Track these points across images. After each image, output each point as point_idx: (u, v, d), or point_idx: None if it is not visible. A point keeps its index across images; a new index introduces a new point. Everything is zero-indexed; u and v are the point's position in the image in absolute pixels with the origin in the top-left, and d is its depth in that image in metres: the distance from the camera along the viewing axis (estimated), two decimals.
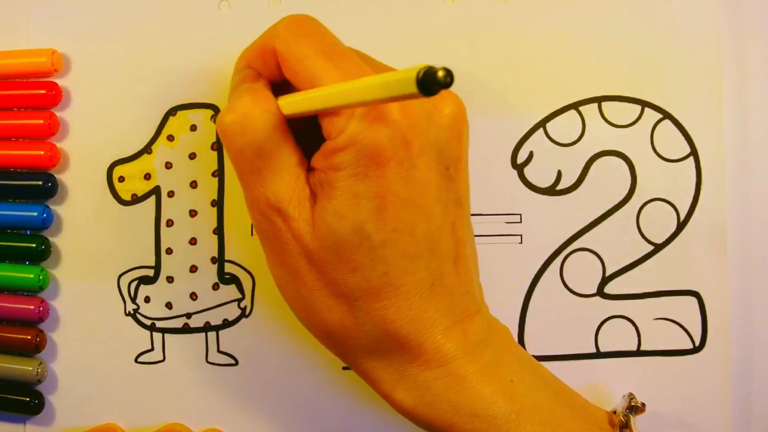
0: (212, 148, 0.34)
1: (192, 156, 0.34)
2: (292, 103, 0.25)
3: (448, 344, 0.26)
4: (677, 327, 0.34)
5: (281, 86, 0.27)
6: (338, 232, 0.25)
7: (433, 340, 0.26)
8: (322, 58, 0.25)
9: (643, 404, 0.30)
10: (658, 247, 0.34)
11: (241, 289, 0.34)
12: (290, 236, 0.26)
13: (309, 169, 0.26)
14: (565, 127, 0.34)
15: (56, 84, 0.34)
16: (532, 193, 0.34)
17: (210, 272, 0.34)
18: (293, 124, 0.27)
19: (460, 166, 0.27)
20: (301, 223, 0.25)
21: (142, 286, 0.34)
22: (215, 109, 0.34)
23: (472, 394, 0.26)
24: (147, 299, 0.34)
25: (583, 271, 0.34)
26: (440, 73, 0.18)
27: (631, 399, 0.30)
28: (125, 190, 0.34)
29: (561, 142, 0.34)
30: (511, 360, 0.28)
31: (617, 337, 0.34)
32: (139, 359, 0.34)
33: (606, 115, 0.34)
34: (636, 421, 0.29)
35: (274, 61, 0.26)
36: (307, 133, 0.27)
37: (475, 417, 0.26)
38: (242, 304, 0.34)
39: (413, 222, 0.25)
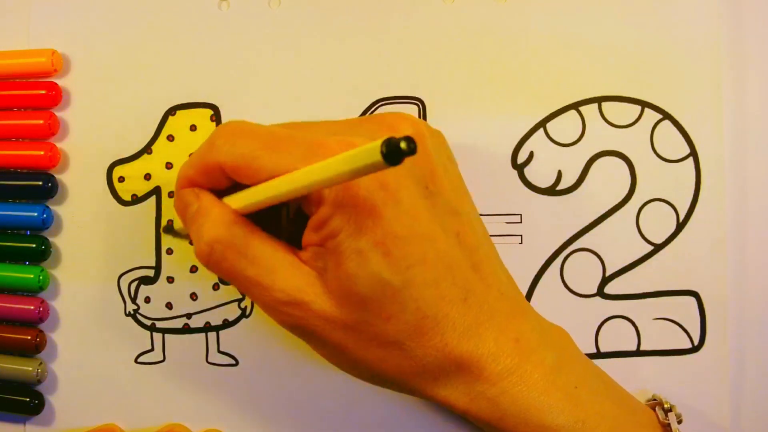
0: None
1: None
2: (257, 203, 0.26)
3: (504, 353, 0.26)
4: (676, 327, 0.34)
5: (229, 189, 0.27)
6: (359, 292, 0.25)
7: (488, 353, 0.26)
8: (269, 151, 0.25)
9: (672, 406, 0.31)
10: (657, 248, 0.34)
11: None
12: (315, 318, 0.26)
13: (298, 249, 0.27)
14: (565, 127, 0.34)
15: (56, 84, 0.34)
16: (532, 193, 0.34)
17: (210, 272, 0.34)
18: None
19: (437, 180, 0.27)
20: (320, 302, 0.26)
21: (142, 287, 0.34)
22: (215, 109, 0.34)
23: (538, 404, 0.26)
24: (147, 299, 0.34)
25: (583, 271, 0.34)
26: (402, 144, 0.19)
27: (664, 405, 0.31)
28: (125, 190, 0.34)
29: (561, 142, 0.34)
30: (573, 364, 0.28)
31: (617, 337, 0.34)
32: (139, 359, 0.34)
33: (606, 115, 0.34)
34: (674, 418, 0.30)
35: (220, 174, 0.27)
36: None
37: (544, 428, 0.26)
38: (242, 305, 0.34)
39: (422, 251, 0.25)
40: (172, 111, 0.34)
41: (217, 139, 0.26)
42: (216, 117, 0.34)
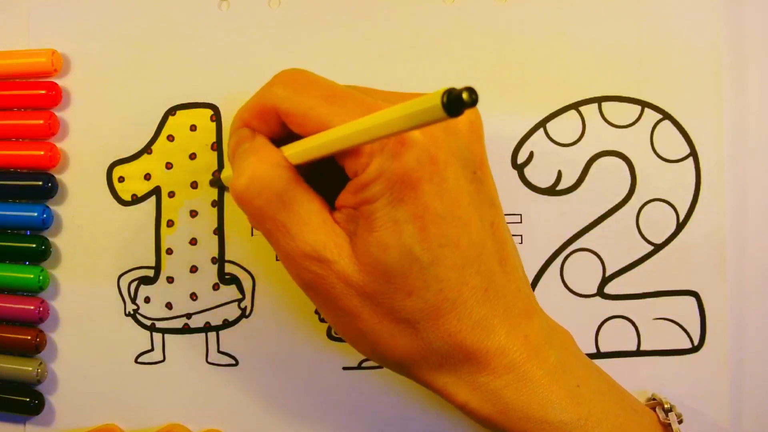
0: (212, 148, 0.34)
1: (192, 156, 0.34)
2: (308, 150, 0.25)
3: (513, 348, 0.26)
4: (676, 327, 0.34)
5: (282, 140, 0.27)
6: (387, 262, 0.25)
7: (498, 345, 0.26)
8: (326, 104, 0.25)
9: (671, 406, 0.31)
10: (657, 248, 0.34)
11: (241, 290, 0.34)
12: (336, 279, 0.26)
13: (333, 209, 0.26)
14: (565, 127, 0.34)
15: (56, 84, 0.34)
16: (532, 193, 0.34)
17: (210, 272, 0.34)
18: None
19: (484, 168, 0.27)
20: (344, 263, 0.25)
21: (142, 287, 0.34)
22: (215, 109, 0.34)
23: (541, 399, 0.26)
24: (147, 299, 0.34)
25: (583, 271, 0.34)
26: (464, 95, 0.19)
27: (662, 404, 0.31)
28: (125, 190, 0.34)
29: (561, 142, 0.34)
30: (576, 364, 0.28)
31: (617, 337, 0.34)
32: (139, 359, 0.34)
33: (606, 115, 0.34)
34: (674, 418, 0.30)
35: (276, 120, 0.26)
36: (311, 175, 0.27)
37: (546, 423, 0.26)
38: (242, 305, 0.34)
39: (456, 234, 0.25)
40: (172, 111, 0.34)
41: (276, 84, 0.26)
42: (216, 117, 0.34)
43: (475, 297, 0.26)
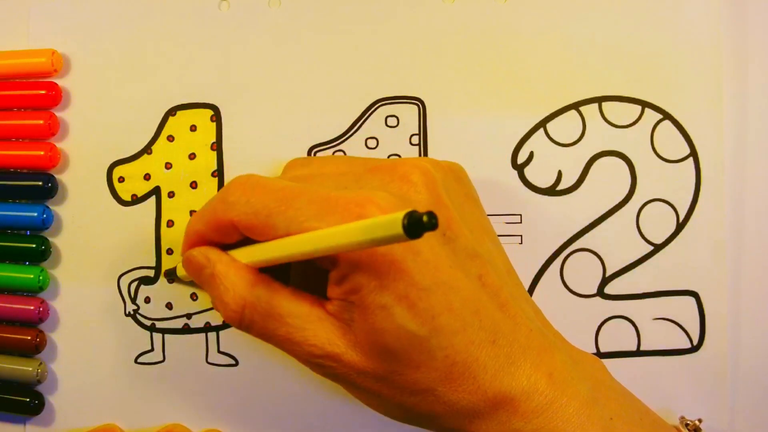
0: (212, 148, 0.34)
1: (192, 156, 0.34)
2: (270, 260, 0.26)
3: (538, 389, 0.26)
4: (676, 327, 0.34)
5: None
6: (387, 345, 0.25)
7: (522, 390, 0.26)
8: (282, 208, 0.25)
9: (699, 420, 0.31)
10: (657, 248, 0.34)
11: None
12: (349, 369, 0.26)
13: (323, 300, 0.27)
14: (565, 127, 0.34)
15: (56, 84, 0.34)
16: (532, 193, 0.34)
17: None
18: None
19: (453, 225, 0.27)
20: (350, 353, 0.26)
21: (142, 287, 0.34)
22: (215, 110, 0.34)
23: None
24: (147, 300, 0.34)
25: (583, 271, 0.34)
26: (425, 218, 0.19)
27: (687, 423, 0.31)
28: (125, 190, 0.34)
29: (561, 142, 0.34)
30: (607, 395, 0.28)
31: (617, 337, 0.34)
32: (139, 360, 0.34)
33: (606, 115, 0.34)
34: None
35: (233, 230, 0.27)
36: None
37: None
38: None
39: (447, 300, 0.25)
40: (172, 111, 0.34)
41: (230, 195, 0.26)
42: (216, 117, 0.34)
43: (485, 352, 0.26)
